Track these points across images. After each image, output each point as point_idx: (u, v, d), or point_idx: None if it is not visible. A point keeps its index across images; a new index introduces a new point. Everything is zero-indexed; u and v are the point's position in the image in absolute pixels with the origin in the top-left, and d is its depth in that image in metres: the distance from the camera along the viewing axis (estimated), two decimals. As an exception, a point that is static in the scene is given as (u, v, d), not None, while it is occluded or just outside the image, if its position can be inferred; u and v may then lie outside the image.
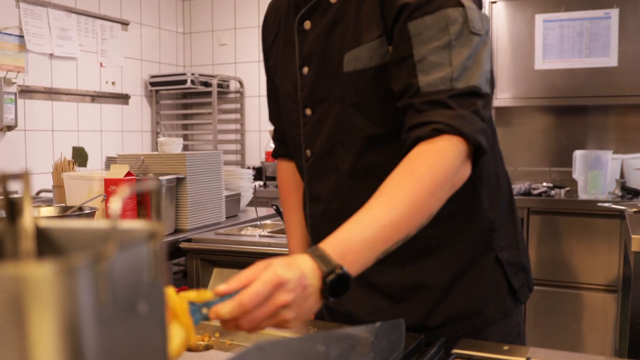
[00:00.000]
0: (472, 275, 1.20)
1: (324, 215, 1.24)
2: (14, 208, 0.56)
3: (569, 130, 3.94)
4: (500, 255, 1.21)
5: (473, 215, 1.18)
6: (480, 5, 1.12)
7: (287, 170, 1.46)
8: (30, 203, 0.56)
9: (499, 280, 1.22)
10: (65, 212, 1.89)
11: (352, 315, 1.23)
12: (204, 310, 0.85)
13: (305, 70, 1.23)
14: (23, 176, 0.57)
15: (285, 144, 1.43)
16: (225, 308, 0.83)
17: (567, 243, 3.37)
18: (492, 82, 1.11)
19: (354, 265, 0.90)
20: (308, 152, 1.25)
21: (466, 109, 1.01)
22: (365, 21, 1.13)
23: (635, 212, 2.01)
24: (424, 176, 0.96)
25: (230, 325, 0.85)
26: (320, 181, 1.24)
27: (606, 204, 2.17)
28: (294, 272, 0.86)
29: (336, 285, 0.87)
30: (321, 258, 0.89)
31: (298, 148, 1.29)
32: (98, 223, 0.58)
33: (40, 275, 0.38)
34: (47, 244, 0.58)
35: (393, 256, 0.97)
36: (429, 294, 1.19)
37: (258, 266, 0.87)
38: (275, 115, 1.45)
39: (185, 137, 4.94)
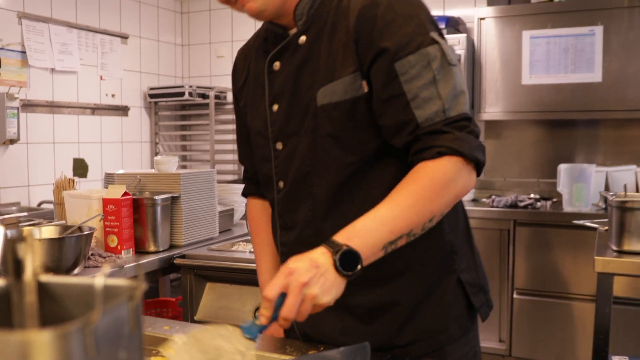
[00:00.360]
0: (437, 295, 1.31)
1: (297, 241, 1.34)
2: (19, 267, 0.67)
3: (556, 142, 4.05)
4: (462, 276, 1.33)
5: (436, 240, 1.30)
6: (439, 30, 1.25)
7: (256, 208, 1.55)
8: (32, 263, 0.67)
9: (461, 300, 1.33)
10: (65, 231, 2.00)
11: (324, 336, 1.34)
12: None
13: (275, 107, 1.33)
14: (27, 238, 0.68)
15: (254, 183, 1.54)
16: (261, 311, 1.04)
17: (553, 254, 3.48)
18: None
19: (361, 247, 1.07)
20: (281, 183, 1.35)
21: (463, 131, 1.16)
22: (339, 57, 1.24)
23: (606, 230, 2.11)
24: (424, 184, 1.14)
25: (281, 322, 1.03)
26: (294, 209, 1.34)
27: (581, 221, 2.27)
28: (303, 260, 1.05)
29: (346, 260, 1.05)
30: (329, 242, 1.07)
31: (270, 182, 1.39)
32: (89, 280, 0.69)
33: (42, 339, 0.49)
34: (46, 295, 0.69)
35: (363, 278, 1.10)
36: (397, 314, 1.30)
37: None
38: (244, 155, 1.55)
39: (183, 148, 5.06)
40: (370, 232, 1.09)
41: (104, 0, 4.44)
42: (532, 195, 3.84)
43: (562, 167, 3.55)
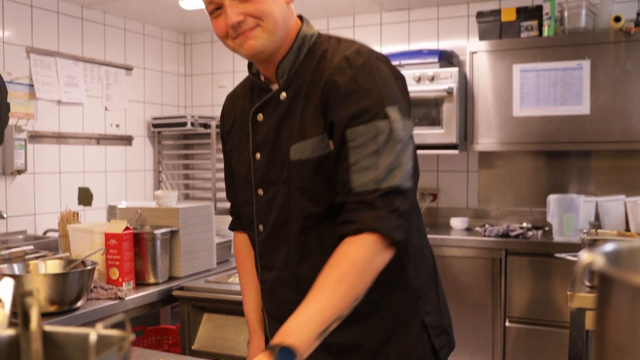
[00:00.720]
0: (401, 337, 1.42)
1: (276, 281, 1.46)
2: (27, 318, 0.79)
3: (548, 172, 4.16)
4: (425, 319, 1.44)
5: (401, 285, 1.41)
6: (408, 113, 1.37)
7: (242, 241, 1.67)
8: (38, 317, 0.78)
9: (425, 342, 1.44)
10: (69, 265, 2.12)
11: None
12: None
13: (258, 156, 1.46)
14: (31, 294, 0.79)
15: (240, 219, 1.65)
16: None
17: (544, 283, 3.57)
18: (415, 175, 1.37)
19: (296, 343, 1.16)
20: (260, 227, 1.48)
21: (386, 209, 1.27)
22: (310, 119, 1.37)
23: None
24: (346, 270, 1.24)
25: None
26: (273, 252, 1.46)
27: (562, 254, 2.37)
28: None
29: (284, 357, 1.14)
30: (270, 346, 1.17)
31: (251, 223, 1.51)
32: (85, 331, 0.80)
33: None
34: (50, 342, 0.80)
35: None
36: (363, 354, 1.41)
37: None
38: (231, 193, 1.67)
39: (185, 176, 5.18)
40: (302, 328, 1.20)
41: (109, 34, 4.59)
42: (524, 225, 3.94)
43: (552, 198, 3.65)
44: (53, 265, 2.10)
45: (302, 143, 1.36)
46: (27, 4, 3.96)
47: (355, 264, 1.25)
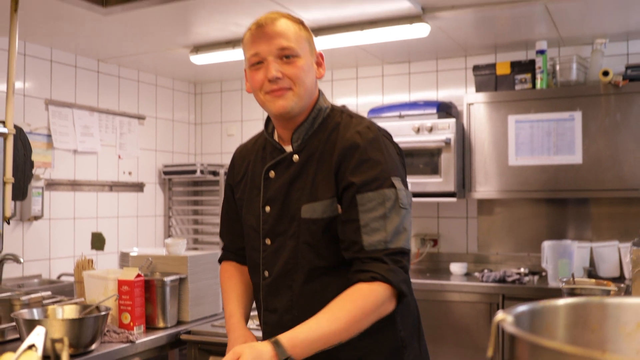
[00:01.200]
0: None
1: (278, 324, 1.63)
2: (56, 355, 0.94)
3: (544, 219, 4.29)
4: None
5: (389, 335, 1.57)
6: (406, 185, 1.58)
7: (232, 266, 1.84)
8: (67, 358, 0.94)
9: None
10: (84, 310, 2.27)
11: None
12: None
13: (268, 209, 1.65)
14: (62, 342, 0.95)
15: (232, 252, 1.83)
16: None
17: (540, 326, 3.67)
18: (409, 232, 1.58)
19: (299, 355, 1.38)
20: (266, 272, 1.66)
21: (396, 264, 1.48)
22: (321, 184, 1.57)
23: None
24: (359, 305, 1.44)
25: None
26: (277, 297, 1.63)
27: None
28: (252, 349, 1.35)
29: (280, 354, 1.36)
30: (276, 344, 1.37)
31: (257, 268, 1.69)
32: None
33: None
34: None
35: None
36: None
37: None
38: (226, 232, 1.85)
39: (195, 221, 5.35)
40: (310, 344, 1.40)
41: (123, 85, 4.82)
42: (521, 270, 4.06)
43: (546, 244, 3.78)
44: (70, 310, 2.25)
45: (313, 204, 1.56)
46: (47, 58, 4.20)
47: (368, 305, 1.45)
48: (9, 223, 2.10)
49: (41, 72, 4.16)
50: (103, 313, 2.18)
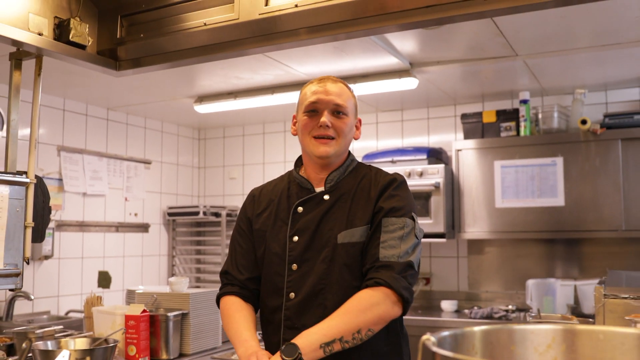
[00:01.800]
0: None
1: None
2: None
3: (532, 258, 4.49)
4: None
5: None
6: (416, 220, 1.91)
7: (236, 301, 1.98)
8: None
9: None
10: (94, 342, 2.47)
11: None
12: None
13: (296, 238, 1.91)
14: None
15: (236, 286, 2.00)
16: None
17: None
18: (418, 268, 1.87)
19: (301, 343, 1.66)
20: (292, 294, 1.89)
21: (401, 273, 1.77)
22: (358, 215, 1.88)
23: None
24: (354, 304, 1.74)
25: None
26: (305, 314, 1.86)
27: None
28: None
29: (288, 351, 1.65)
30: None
31: (279, 292, 1.91)
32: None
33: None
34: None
35: None
36: None
37: None
38: (235, 264, 2.02)
39: (197, 261, 5.56)
40: (309, 335, 1.69)
41: (131, 132, 5.09)
42: (509, 307, 4.25)
43: (530, 282, 3.98)
44: (80, 343, 2.45)
45: (351, 230, 1.86)
46: (60, 108, 4.47)
47: (361, 302, 1.73)
48: (28, 263, 2.32)
49: (54, 120, 4.43)
50: (112, 345, 2.38)
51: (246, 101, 4.35)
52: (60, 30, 2.38)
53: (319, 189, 1.96)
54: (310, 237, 1.89)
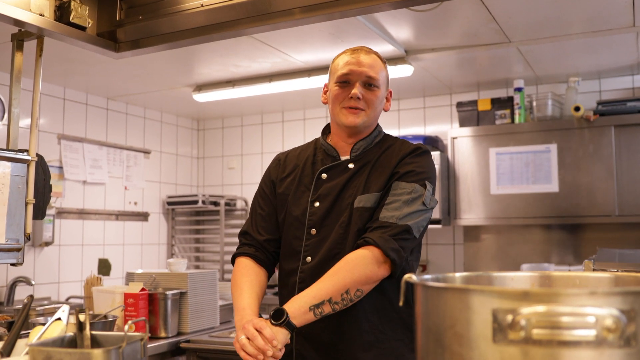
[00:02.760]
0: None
1: None
2: (81, 326, 1.21)
3: (528, 243, 4.54)
4: None
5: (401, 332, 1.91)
6: (434, 191, 1.91)
7: (248, 263, 1.99)
8: (88, 325, 1.20)
9: None
10: (94, 318, 2.53)
11: None
12: None
13: (317, 204, 1.94)
14: (84, 311, 1.22)
15: (252, 247, 2.01)
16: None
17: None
18: (422, 235, 1.88)
19: (289, 308, 1.69)
20: (309, 258, 1.91)
21: (393, 236, 1.77)
22: (374, 181, 1.90)
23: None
24: (341, 265, 1.77)
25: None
26: (319, 278, 1.84)
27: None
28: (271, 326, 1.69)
29: (276, 315, 1.68)
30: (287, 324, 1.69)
31: (295, 255, 1.94)
32: (119, 332, 1.22)
33: (97, 353, 1.02)
34: (95, 341, 1.22)
35: None
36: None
37: None
38: (255, 226, 2.04)
39: (196, 249, 5.61)
40: (298, 298, 1.72)
41: (130, 121, 5.14)
42: (503, 292, 4.30)
43: (524, 267, 4.03)
44: (82, 318, 2.51)
45: (367, 195, 1.89)
46: (60, 97, 4.53)
47: (349, 263, 1.75)
48: (29, 239, 2.37)
49: (55, 109, 4.48)
50: (111, 319, 2.44)
51: (244, 89, 4.40)
52: (61, 12, 2.43)
53: (344, 157, 1.99)
54: (331, 203, 1.91)
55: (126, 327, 1.14)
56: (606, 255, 2.82)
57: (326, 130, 2.10)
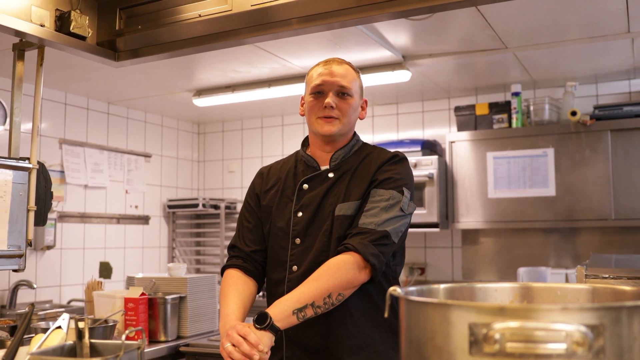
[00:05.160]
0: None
1: None
2: (81, 334, 1.25)
3: (525, 247, 4.58)
4: None
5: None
6: (413, 200, 1.96)
7: (236, 274, 2.05)
8: (87, 333, 1.24)
9: None
10: (95, 323, 2.57)
11: None
12: None
13: (300, 214, 1.99)
14: (83, 320, 1.26)
15: (241, 258, 2.07)
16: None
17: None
18: (401, 240, 1.93)
19: (273, 312, 1.73)
20: (295, 267, 1.96)
21: (373, 242, 1.82)
22: (354, 189, 1.95)
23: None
24: (323, 269, 1.81)
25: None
26: None
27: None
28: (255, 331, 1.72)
29: (260, 320, 1.72)
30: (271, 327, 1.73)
31: (281, 265, 1.99)
32: (118, 341, 1.26)
33: (95, 362, 1.06)
34: (94, 349, 1.26)
35: None
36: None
37: None
38: (242, 238, 2.10)
39: (197, 252, 5.66)
40: (281, 302, 1.77)
41: (131, 126, 5.18)
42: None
43: (521, 270, 4.07)
44: (82, 323, 2.55)
45: (347, 203, 1.94)
46: (62, 102, 4.57)
47: (330, 267, 1.80)
48: (31, 245, 2.41)
49: (56, 113, 4.53)
50: (111, 324, 2.48)
51: (244, 94, 4.44)
52: (61, 22, 2.47)
53: (324, 167, 2.05)
54: (313, 212, 1.96)
55: (123, 336, 1.18)
56: (601, 260, 2.86)
57: (305, 142, 2.16)
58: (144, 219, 5.25)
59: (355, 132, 2.11)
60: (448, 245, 4.84)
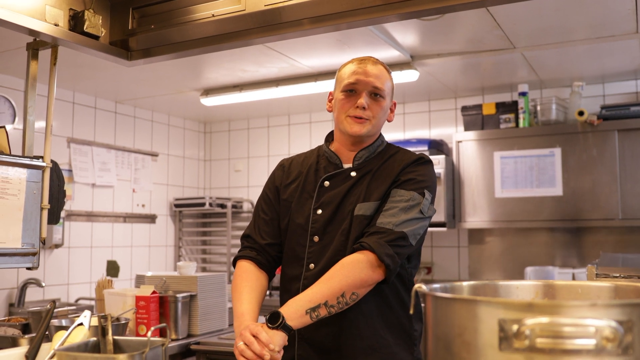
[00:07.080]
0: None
1: None
2: (104, 331, 1.26)
3: (532, 246, 4.59)
4: None
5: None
6: (434, 202, 1.94)
7: (249, 267, 2.03)
8: (110, 330, 1.26)
9: None
10: (106, 321, 2.58)
11: None
12: None
13: (319, 211, 1.98)
14: (106, 318, 1.27)
15: (254, 250, 2.05)
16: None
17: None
18: (419, 243, 1.91)
19: (286, 311, 1.71)
20: (312, 265, 1.95)
21: (389, 242, 1.80)
22: (375, 190, 1.94)
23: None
24: (337, 268, 1.79)
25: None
26: None
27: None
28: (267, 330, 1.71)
29: (272, 319, 1.70)
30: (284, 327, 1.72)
31: (299, 261, 1.98)
32: (142, 338, 1.27)
33: (122, 358, 1.07)
34: (117, 346, 1.27)
35: None
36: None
37: None
38: (257, 230, 2.07)
39: (203, 251, 5.67)
40: (294, 301, 1.75)
41: (138, 125, 5.20)
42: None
43: (529, 270, 4.08)
44: (93, 320, 2.57)
45: (367, 203, 1.92)
46: (70, 101, 4.59)
47: (344, 267, 1.78)
48: (44, 243, 2.43)
49: (64, 112, 4.55)
50: (123, 322, 2.49)
51: (251, 94, 4.45)
52: (75, 22, 2.49)
53: (347, 165, 2.02)
54: (333, 211, 1.94)
55: (149, 332, 1.20)
56: (609, 259, 2.87)
57: (329, 138, 2.13)
58: (151, 218, 5.27)
59: (381, 133, 2.08)
60: (455, 245, 4.85)
